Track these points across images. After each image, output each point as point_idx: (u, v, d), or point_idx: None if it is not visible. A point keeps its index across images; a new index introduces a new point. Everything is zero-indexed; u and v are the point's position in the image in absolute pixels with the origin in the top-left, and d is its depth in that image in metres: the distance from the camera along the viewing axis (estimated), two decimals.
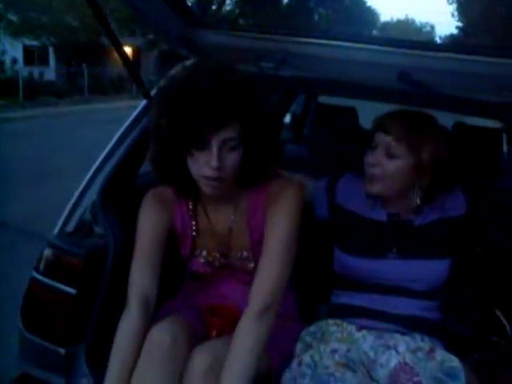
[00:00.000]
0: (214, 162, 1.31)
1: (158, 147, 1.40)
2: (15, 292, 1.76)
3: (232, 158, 1.35)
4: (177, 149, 1.36)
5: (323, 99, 3.67)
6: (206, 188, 1.38)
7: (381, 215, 1.68)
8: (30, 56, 24.10)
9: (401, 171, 1.57)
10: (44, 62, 24.37)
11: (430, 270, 1.63)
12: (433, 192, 1.62)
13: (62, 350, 1.60)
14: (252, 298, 1.38)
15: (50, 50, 24.48)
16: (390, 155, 1.57)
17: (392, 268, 1.63)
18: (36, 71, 21.29)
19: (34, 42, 23.08)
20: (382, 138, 1.58)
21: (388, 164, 1.57)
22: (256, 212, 1.50)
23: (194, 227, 1.56)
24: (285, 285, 1.42)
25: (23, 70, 20.06)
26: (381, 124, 1.61)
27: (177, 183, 1.47)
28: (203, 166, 1.34)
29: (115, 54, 1.79)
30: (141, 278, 1.47)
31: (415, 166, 1.57)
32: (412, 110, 1.65)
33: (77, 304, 1.60)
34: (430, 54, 1.60)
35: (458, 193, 1.71)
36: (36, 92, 18.35)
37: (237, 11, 26.58)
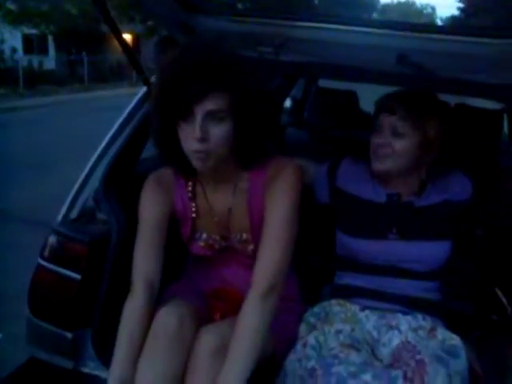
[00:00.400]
0: (197, 133, 1.33)
1: (154, 120, 1.44)
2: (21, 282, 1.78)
3: (218, 131, 1.36)
4: (167, 121, 1.39)
5: (323, 83, 3.67)
6: (195, 162, 1.39)
7: (381, 196, 1.70)
8: (30, 45, 23.99)
9: (408, 149, 1.60)
10: (43, 50, 24.26)
11: (430, 252, 1.65)
12: (438, 170, 1.65)
13: (69, 334, 1.63)
14: (255, 280, 1.39)
15: (50, 38, 24.35)
16: (397, 134, 1.60)
17: (392, 249, 1.64)
18: (35, 60, 21.20)
19: (33, 31, 22.93)
20: (387, 119, 1.61)
21: (395, 143, 1.60)
22: (256, 193, 1.51)
23: (193, 209, 1.57)
24: (287, 264, 1.43)
25: (23, 59, 19.96)
26: (384, 105, 1.64)
27: (174, 160, 1.48)
28: (189, 138, 1.36)
29: (115, 42, 1.79)
30: (144, 262, 1.48)
31: (421, 142, 1.60)
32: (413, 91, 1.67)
33: (82, 289, 1.62)
34: (430, 36, 1.60)
35: (462, 177, 1.72)
36: (36, 81, 18.27)
37: None
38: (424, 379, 1.33)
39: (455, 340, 1.48)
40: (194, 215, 1.58)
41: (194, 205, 1.57)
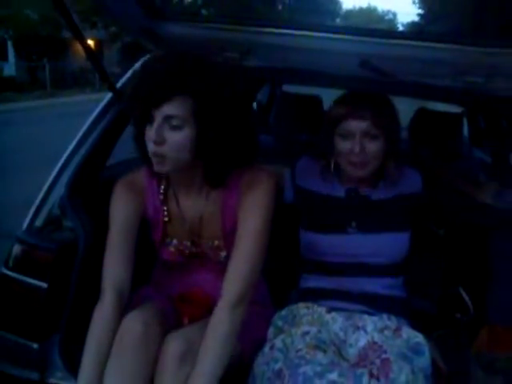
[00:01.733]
0: (153, 136, 1.36)
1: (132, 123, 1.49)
2: None
3: (175, 135, 1.37)
4: (137, 125, 1.44)
5: (288, 88, 3.69)
6: (154, 165, 1.42)
7: (339, 191, 1.75)
8: None
9: (382, 150, 1.65)
10: (3, 56, 23.69)
11: (389, 243, 1.70)
12: (390, 164, 1.70)
13: (35, 345, 1.60)
14: (225, 290, 1.40)
15: (9, 44, 23.85)
16: (371, 138, 1.63)
17: (353, 243, 1.69)
18: None
19: None
20: (358, 125, 1.62)
21: (371, 147, 1.63)
22: (230, 202, 1.52)
23: (165, 212, 1.57)
24: (258, 275, 1.44)
25: None
26: (351, 112, 1.64)
27: (144, 159, 1.49)
28: (149, 141, 1.39)
29: (76, 48, 1.79)
30: (114, 268, 1.48)
31: (389, 140, 1.65)
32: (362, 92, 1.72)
33: (48, 298, 1.60)
34: (391, 41, 1.64)
35: (413, 172, 1.79)
36: None
37: (199, 1, 26.34)
38: (389, 376, 1.35)
39: (419, 338, 1.51)
40: (166, 219, 1.57)
41: (165, 208, 1.57)
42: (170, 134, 1.37)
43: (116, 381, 1.33)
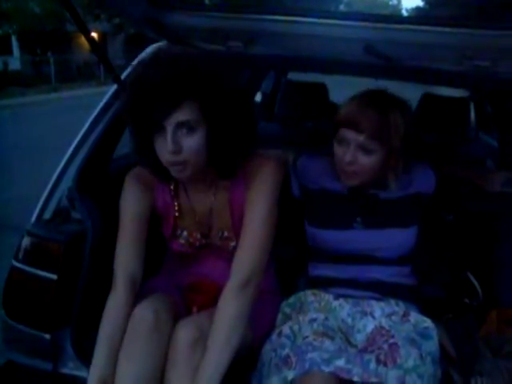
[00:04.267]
0: (169, 147, 1.33)
1: (131, 132, 1.44)
2: None
3: (191, 141, 1.35)
4: (142, 134, 1.39)
5: (293, 76, 3.69)
6: (174, 173, 1.40)
7: (342, 189, 1.71)
8: None
9: (376, 163, 1.58)
10: (7, 51, 23.72)
11: (396, 239, 1.68)
12: (402, 165, 1.63)
13: (47, 336, 1.62)
14: (233, 272, 1.41)
15: (13, 38, 23.87)
16: (365, 152, 1.57)
17: (359, 238, 1.67)
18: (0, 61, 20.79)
19: None
20: (354, 136, 1.56)
21: (364, 160, 1.57)
22: (237, 190, 1.53)
23: (176, 207, 1.58)
24: (265, 258, 1.45)
25: None
26: (349, 122, 1.57)
27: (153, 168, 1.48)
28: (163, 151, 1.36)
29: (80, 41, 1.79)
30: (126, 258, 1.49)
31: (388, 153, 1.58)
32: (369, 95, 1.62)
33: (59, 289, 1.61)
34: (396, 26, 1.63)
35: (427, 170, 1.74)
36: (1, 82, 17.90)
37: None
38: (396, 361, 1.36)
39: (427, 323, 1.52)
40: (176, 214, 1.58)
41: (176, 203, 1.58)
42: (185, 141, 1.34)
43: (128, 369, 1.35)
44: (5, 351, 1.71)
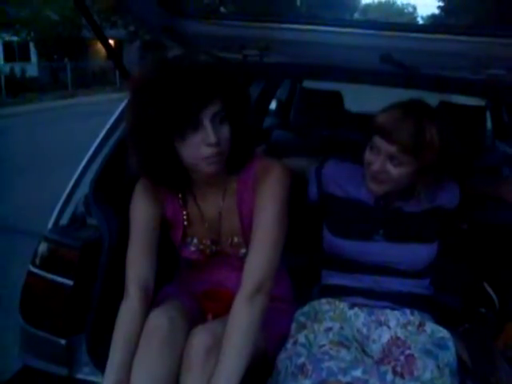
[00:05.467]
0: (212, 138, 1.33)
1: (146, 143, 1.39)
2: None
3: (224, 131, 1.38)
4: (167, 138, 1.36)
5: (308, 84, 3.69)
6: (208, 168, 1.40)
7: (368, 198, 1.69)
8: (11, 52, 23.78)
9: (406, 176, 1.56)
10: (25, 57, 24.05)
11: (417, 254, 1.65)
12: (429, 179, 1.60)
13: (62, 341, 1.63)
14: (244, 279, 1.40)
15: (31, 45, 24.17)
16: (395, 163, 1.54)
17: (378, 250, 1.64)
18: (17, 67, 21.03)
19: (14, 38, 22.77)
20: (385, 147, 1.53)
21: (393, 171, 1.55)
22: (245, 195, 1.52)
23: (185, 216, 1.58)
24: (276, 265, 1.43)
25: (4, 67, 19.80)
26: (382, 131, 1.54)
27: (167, 178, 1.48)
28: (200, 146, 1.35)
29: (97, 47, 1.81)
30: (137, 266, 1.49)
31: (420, 168, 1.55)
32: (408, 105, 1.57)
33: (75, 295, 1.62)
34: (412, 35, 1.63)
35: (452, 184, 1.72)
36: (19, 89, 18.12)
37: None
38: (413, 373, 1.35)
39: (443, 333, 1.50)
40: (185, 223, 1.59)
41: (185, 212, 1.58)
42: (221, 131, 1.37)
43: (143, 375, 1.35)
44: (22, 356, 1.73)
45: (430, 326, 1.53)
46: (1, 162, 7.44)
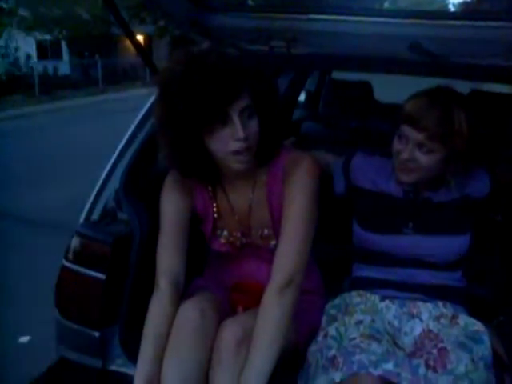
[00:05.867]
0: (241, 133, 1.34)
1: (175, 137, 1.40)
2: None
3: (253, 125, 1.38)
4: (196, 131, 1.37)
5: (337, 75, 3.66)
6: (236, 163, 1.40)
7: (397, 191, 1.67)
8: (44, 51, 24.27)
9: (436, 163, 1.54)
10: (57, 55, 24.49)
11: (448, 246, 1.62)
12: (459, 167, 1.58)
13: (96, 333, 1.65)
14: (274, 272, 1.40)
15: (63, 43, 24.57)
16: (424, 151, 1.52)
17: (408, 243, 1.62)
18: (50, 65, 21.41)
19: (47, 37, 23.20)
20: (413, 135, 1.51)
21: (422, 158, 1.53)
22: (275, 187, 1.52)
23: (214, 209, 1.59)
24: (306, 257, 1.43)
25: (37, 65, 20.16)
26: (410, 119, 1.52)
27: (197, 171, 1.49)
28: (229, 141, 1.36)
29: (126, 44, 1.83)
30: (167, 259, 1.50)
31: (449, 156, 1.53)
32: (436, 92, 1.55)
33: (107, 288, 1.65)
34: (442, 22, 1.60)
35: (481, 172, 1.69)
36: (51, 86, 18.42)
37: None
38: (446, 366, 1.33)
39: (478, 326, 1.48)
40: (215, 215, 1.59)
41: (215, 205, 1.59)
42: (250, 125, 1.37)
43: (174, 367, 1.36)
44: (58, 348, 1.76)
45: (463, 319, 1.50)
46: (43, 158, 7.60)
